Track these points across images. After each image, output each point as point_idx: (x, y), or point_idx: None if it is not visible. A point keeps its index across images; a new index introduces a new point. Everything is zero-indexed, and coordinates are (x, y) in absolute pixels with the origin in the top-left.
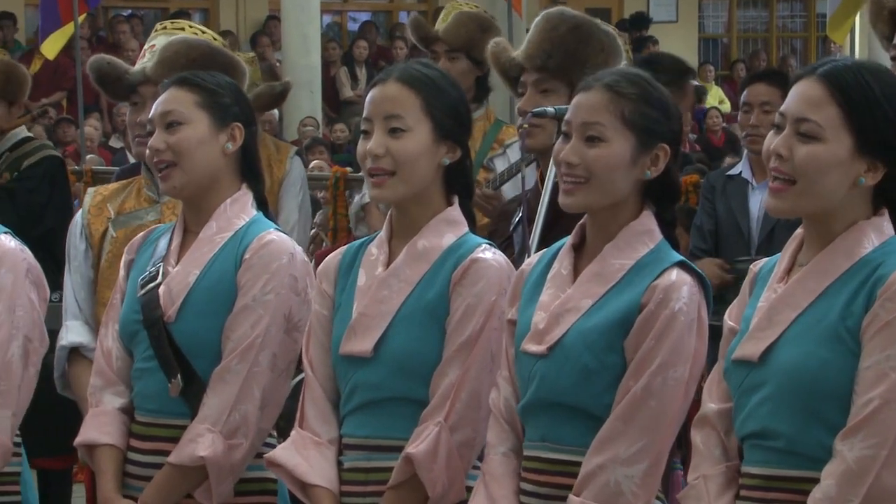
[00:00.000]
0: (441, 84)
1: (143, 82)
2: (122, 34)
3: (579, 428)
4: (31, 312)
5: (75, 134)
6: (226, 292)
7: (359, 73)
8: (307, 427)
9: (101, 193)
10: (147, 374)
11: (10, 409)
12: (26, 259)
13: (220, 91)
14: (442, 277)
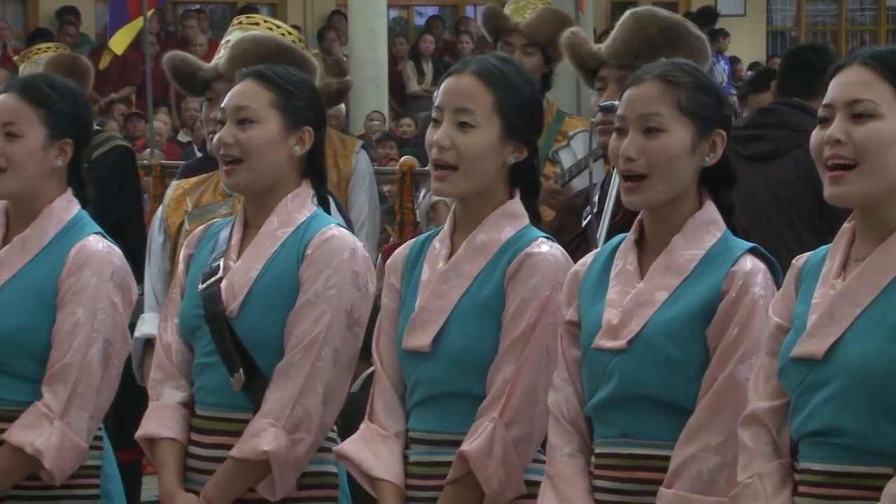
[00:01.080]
0: (516, 81)
1: (215, 78)
2: (190, 29)
3: (664, 421)
4: (113, 315)
5: (144, 128)
6: (287, 287)
7: (425, 68)
8: (375, 420)
9: (182, 187)
10: (209, 369)
11: (87, 411)
12: (113, 262)
13: (296, 93)
14: (498, 272)
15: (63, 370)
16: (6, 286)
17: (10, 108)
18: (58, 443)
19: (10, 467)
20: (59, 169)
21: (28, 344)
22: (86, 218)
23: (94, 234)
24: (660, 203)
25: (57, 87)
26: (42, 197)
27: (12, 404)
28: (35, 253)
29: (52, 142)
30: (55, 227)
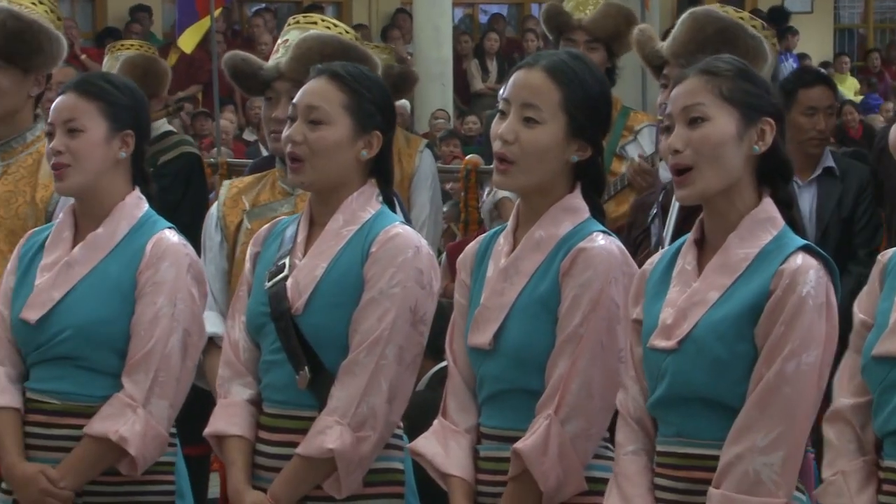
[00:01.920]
0: (586, 79)
1: (276, 78)
2: (256, 28)
3: (715, 421)
4: (192, 306)
5: (211, 127)
6: (352, 285)
7: (489, 66)
8: (448, 417)
9: (237, 186)
10: (275, 367)
11: (168, 399)
12: (188, 254)
13: (368, 95)
14: (554, 267)
15: (144, 359)
16: (83, 282)
17: (69, 105)
18: (142, 430)
19: (93, 458)
20: (124, 162)
21: (108, 337)
22: (155, 215)
23: (168, 228)
24: (711, 194)
25: (113, 82)
26: (109, 193)
27: (91, 399)
28: (110, 249)
29: (113, 133)
30: (128, 224)
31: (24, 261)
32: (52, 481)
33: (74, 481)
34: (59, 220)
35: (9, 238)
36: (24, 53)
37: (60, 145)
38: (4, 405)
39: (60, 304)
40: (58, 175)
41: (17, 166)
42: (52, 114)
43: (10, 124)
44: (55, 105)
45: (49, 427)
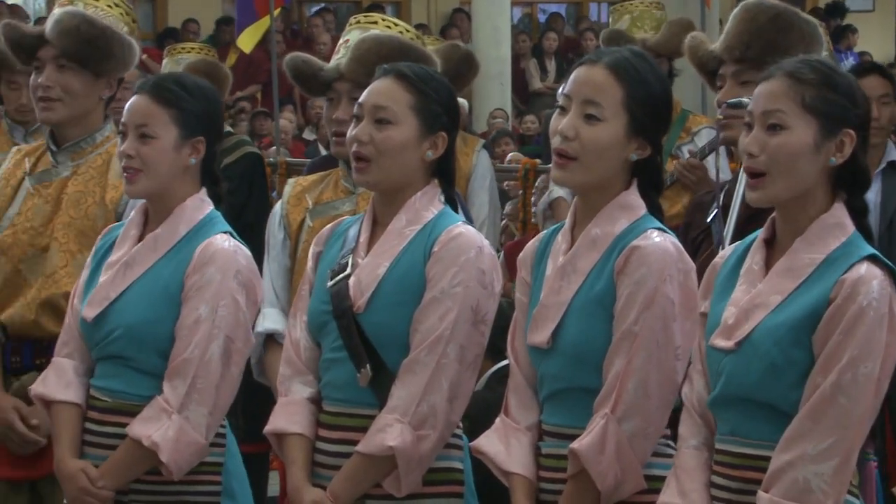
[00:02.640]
0: (648, 78)
1: (337, 79)
2: (315, 27)
3: (767, 423)
4: (236, 313)
5: (270, 126)
6: (414, 284)
7: (548, 65)
8: (509, 415)
9: (301, 184)
10: (336, 365)
11: (206, 406)
12: (238, 260)
13: (434, 96)
14: (610, 265)
15: (183, 365)
16: (137, 283)
17: (142, 109)
18: (174, 436)
19: (130, 460)
20: (193, 167)
21: (153, 339)
22: (217, 217)
23: (222, 232)
24: (782, 200)
25: (187, 87)
26: (176, 195)
27: (137, 399)
28: (166, 251)
29: (184, 141)
30: (186, 226)
31: (97, 256)
32: (91, 480)
33: (113, 482)
34: (131, 217)
35: (79, 238)
36: (97, 58)
37: (132, 150)
38: (65, 400)
39: (114, 304)
40: (128, 178)
41: (86, 167)
42: (125, 114)
43: (80, 126)
44: (129, 106)
45: (101, 424)
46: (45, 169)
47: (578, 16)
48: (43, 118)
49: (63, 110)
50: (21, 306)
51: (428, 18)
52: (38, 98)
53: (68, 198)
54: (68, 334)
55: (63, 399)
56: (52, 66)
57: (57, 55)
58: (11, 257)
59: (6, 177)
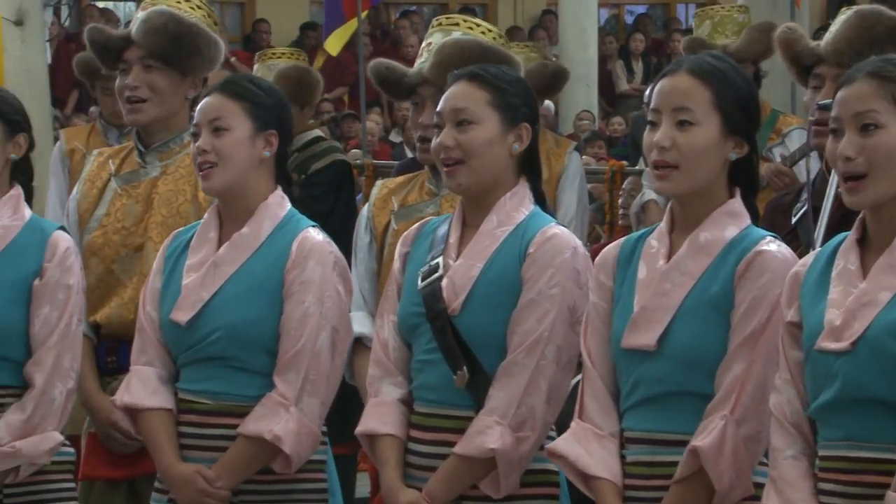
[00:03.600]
0: (732, 77)
1: (421, 83)
2: (403, 29)
3: (891, 423)
4: (339, 304)
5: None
6: (509, 286)
7: (635, 67)
8: (587, 419)
9: (388, 186)
10: (430, 366)
11: (319, 397)
12: (333, 252)
13: (511, 90)
14: (726, 270)
15: (295, 358)
16: (230, 282)
17: (214, 105)
18: (295, 428)
19: (247, 458)
20: (267, 161)
21: (257, 337)
22: (298, 214)
23: (311, 227)
24: (884, 201)
25: (257, 83)
26: (253, 192)
27: (244, 399)
28: (255, 248)
29: (258, 133)
30: (272, 223)
31: (171, 261)
32: (208, 481)
33: (230, 481)
34: (204, 220)
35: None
36: (183, 56)
37: (206, 144)
38: (157, 406)
39: (209, 305)
40: (204, 175)
41: (175, 166)
42: (197, 115)
43: (167, 126)
44: (200, 106)
45: (203, 427)
46: (133, 170)
47: (666, 17)
48: (130, 120)
49: (151, 110)
50: (118, 306)
51: (515, 20)
52: (126, 99)
53: (159, 197)
54: (144, 341)
55: (155, 406)
56: (139, 66)
57: (143, 56)
58: (104, 258)
59: (90, 179)
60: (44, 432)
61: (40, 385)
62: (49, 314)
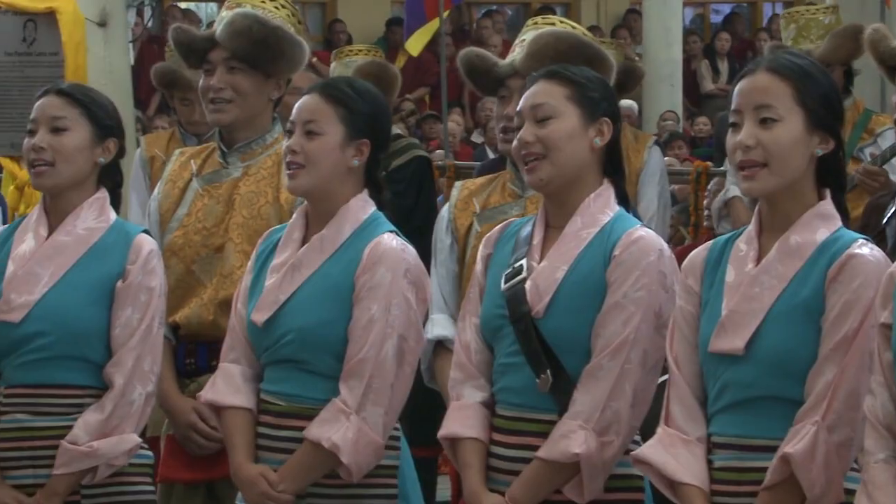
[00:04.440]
0: (812, 72)
1: (511, 76)
2: (485, 29)
3: None
4: (408, 312)
5: (439, 129)
6: (594, 289)
7: (720, 66)
8: (673, 425)
9: (468, 188)
10: (512, 370)
11: (382, 406)
12: (406, 259)
13: (590, 85)
14: (817, 274)
15: (358, 365)
16: (306, 285)
17: (311, 107)
18: (354, 437)
19: (310, 463)
20: (356, 169)
21: (327, 340)
22: (381, 218)
23: (388, 232)
24: None
25: (357, 89)
26: (338, 196)
27: (312, 402)
28: (333, 251)
29: (349, 141)
30: (352, 226)
31: (260, 261)
32: (271, 484)
33: (293, 485)
34: (292, 220)
35: (252, 238)
36: (267, 58)
37: (297, 145)
38: (237, 405)
39: (285, 307)
40: (290, 174)
41: (257, 168)
42: (294, 112)
43: (250, 127)
44: (299, 105)
45: (276, 428)
46: (215, 170)
47: (753, 16)
48: (214, 119)
49: (234, 111)
50: (198, 307)
51: (598, 19)
52: (209, 100)
53: (241, 198)
54: (234, 339)
55: (235, 404)
56: (223, 67)
57: (227, 57)
58: (184, 258)
59: (172, 178)
60: (122, 433)
61: (120, 386)
62: (130, 316)
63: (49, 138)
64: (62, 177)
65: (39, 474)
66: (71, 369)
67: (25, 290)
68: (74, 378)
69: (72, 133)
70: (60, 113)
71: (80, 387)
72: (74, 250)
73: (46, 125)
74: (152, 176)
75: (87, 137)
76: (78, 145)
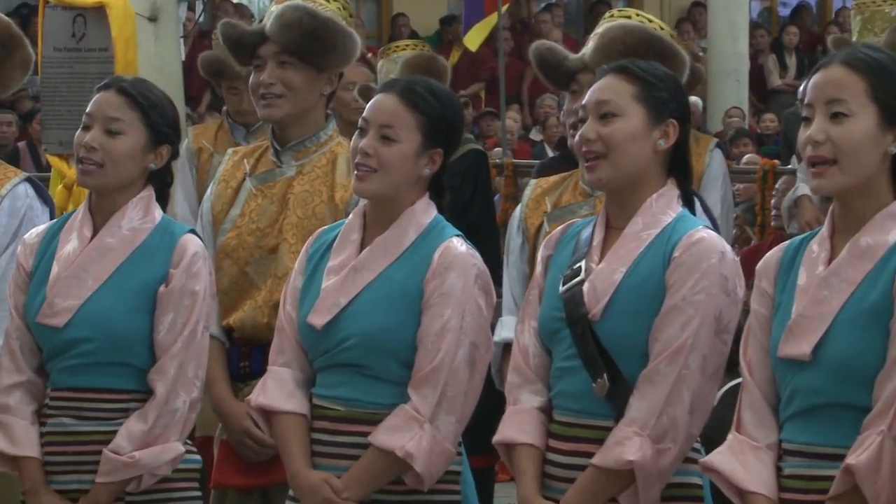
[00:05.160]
0: (889, 67)
1: (581, 70)
2: (544, 23)
3: None
4: (479, 318)
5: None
6: (653, 291)
7: (788, 61)
8: (744, 432)
9: (541, 186)
10: (569, 374)
11: (455, 415)
12: (476, 264)
13: (659, 84)
14: (886, 276)
15: (432, 373)
16: (369, 288)
17: (389, 110)
18: (428, 446)
19: (378, 470)
20: (426, 177)
21: (392, 346)
22: (444, 222)
23: (455, 236)
24: None
25: (437, 94)
26: (403, 201)
27: (375, 406)
28: (397, 255)
29: (424, 150)
30: (416, 230)
31: (313, 261)
32: (335, 491)
33: (358, 492)
34: (349, 221)
35: (307, 239)
36: (319, 51)
37: (370, 148)
38: (291, 410)
39: (346, 310)
40: (360, 176)
41: (311, 166)
42: (369, 111)
43: (302, 124)
44: (376, 105)
45: (334, 434)
46: (268, 169)
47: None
48: (265, 115)
49: (285, 107)
50: (252, 309)
51: (661, 13)
52: (260, 96)
53: (295, 198)
54: (283, 342)
55: (288, 409)
56: (274, 62)
57: (278, 51)
58: (237, 259)
59: (225, 178)
60: (165, 443)
61: (162, 394)
62: (173, 321)
63: (102, 139)
64: (109, 179)
65: (84, 480)
66: (114, 374)
67: (69, 294)
68: (118, 383)
69: (126, 138)
70: (118, 114)
71: (124, 391)
72: (119, 253)
73: (102, 124)
74: (199, 168)
75: (140, 143)
76: (130, 151)
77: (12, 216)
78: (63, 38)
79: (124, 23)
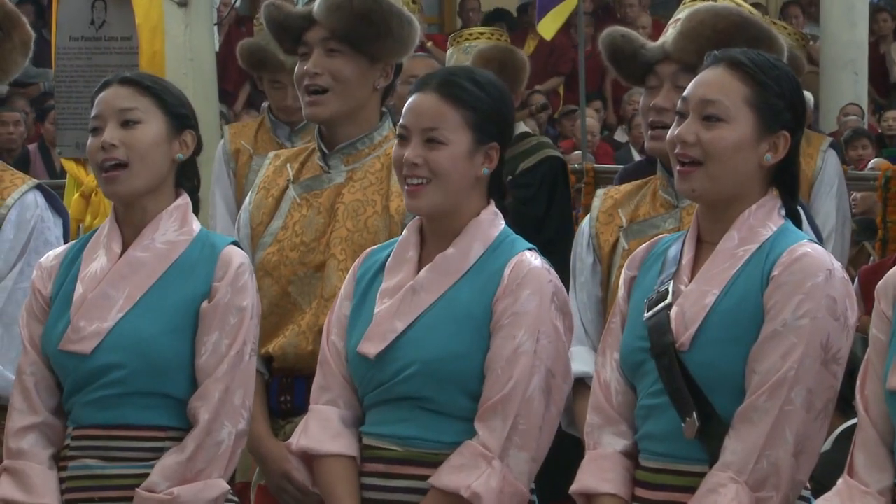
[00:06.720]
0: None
1: (661, 60)
2: (630, 7)
3: None
4: (556, 342)
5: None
6: (750, 316)
7: None
8: (855, 476)
9: (612, 196)
10: (655, 412)
11: (529, 451)
12: (552, 281)
13: (775, 89)
14: None
15: (502, 402)
16: (430, 311)
17: (430, 111)
18: (498, 486)
19: None
20: (484, 177)
21: (458, 375)
22: (513, 234)
23: (528, 250)
24: None
25: (481, 84)
26: (465, 210)
27: (438, 446)
28: (462, 273)
29: (478, 147)
30: (483, 244)
31: (362, 285)
32: None
33: None
34: (403, 237)
35: (358, 254)
36: (372, 37)
37: (417, 157)
38: (338, 452)
39: (404, 337)
40: (412, 191)
41: (363, 172)
42: (406, 115)
43: (354, 122)
44: (413, 107)
45: (388, 478)
46: (314, 175)
47: None
48: (309, 114)
49: (333, 103)
50: (294, 335)
51: None
52: (305, 88)
53: (345, 208)
54: (328, 377)
55: (335, 452)
56: (321, 50)
57: (326, 37)
58: (278, 278)
59: (266, 186)
60: (208, 478)
61: (205, 423)
62: (218, 341)
63: (120, 133)
64: (139, 179)
65: None
66: (150, 407)
67: (97, 316)
68: (154, 418)
69: (146, 126)
70: (130, 104)
71: (159, 427)
72: (153, 268)
73: (115, 119)
74: (237, 171)
75: (163, 130)
76: (154, 139)
77: (20, 229)
78: (81, 27)
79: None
